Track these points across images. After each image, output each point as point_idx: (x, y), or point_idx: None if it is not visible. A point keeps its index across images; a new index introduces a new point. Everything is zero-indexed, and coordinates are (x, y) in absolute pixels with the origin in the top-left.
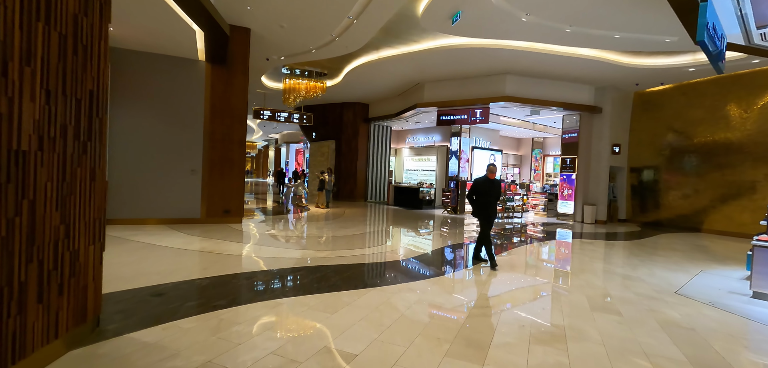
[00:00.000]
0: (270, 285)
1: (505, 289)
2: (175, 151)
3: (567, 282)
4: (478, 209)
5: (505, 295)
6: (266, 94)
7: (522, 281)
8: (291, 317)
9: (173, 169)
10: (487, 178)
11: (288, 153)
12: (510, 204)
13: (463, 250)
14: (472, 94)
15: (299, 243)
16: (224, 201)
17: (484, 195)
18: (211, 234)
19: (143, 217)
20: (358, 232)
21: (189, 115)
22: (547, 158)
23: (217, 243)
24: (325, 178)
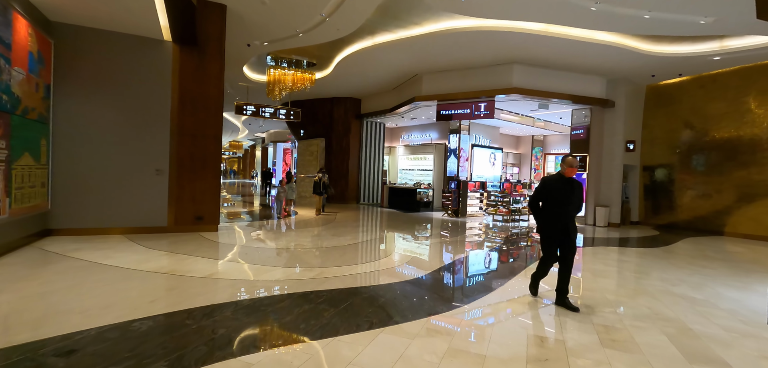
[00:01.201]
0: (238, 328)
1: (567, 328)
2: (137, 147)
3: (630, 311)
4: (550, 224)
5: (571, 339)
6: (250, 88)
7: (576, 317)
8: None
9: (134, 169)
10: (562, 176)
11: (275, 152)
12: (516, 206)
13: (486, 262)
14: (475, 86)
15: (284, 257)
16: (196, 207)
17: (558, 204)
18: (178, 246)
19: (98, 227)
20: (351, 241)
21: (153, 106)
22: (549, 157)
23: (180, 260)
24: (326, 180)
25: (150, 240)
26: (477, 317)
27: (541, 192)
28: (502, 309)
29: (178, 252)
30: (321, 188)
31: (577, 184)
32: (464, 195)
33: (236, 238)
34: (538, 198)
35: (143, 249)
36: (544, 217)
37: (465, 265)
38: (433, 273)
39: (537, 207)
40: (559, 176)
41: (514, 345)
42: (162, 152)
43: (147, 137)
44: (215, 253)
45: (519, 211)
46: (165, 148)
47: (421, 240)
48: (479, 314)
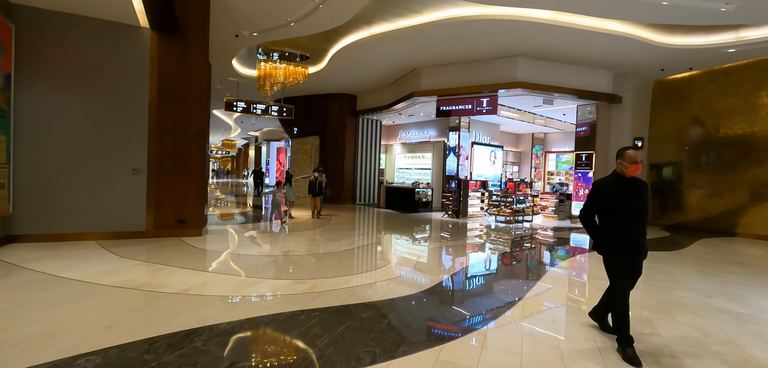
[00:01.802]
0: (209, 366)
1: (609, 358)
2: (111, 145)
3: (674, 332)
4: (617, 243)
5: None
6: (240, 83)
7: (615, 342)
8: None
9: (108, 169)
10: (621, 177)
11: (269, 151)
12: (520, 206)
13: (496, 269)
14: (477, 81)
15: (273, 266)
16: (178, 209)
17: (624, 216)
18: (155, 254)
19: (67, 233)
20: (347, 246)
21: (129, 99)
22: (549, 155)
23: (154, 272)
24: (323, 180)
25: (125, 247)
26: (496, 340)
27: (598, 201)
28: (529, 333)
29: (153, 262)
30: (317, 189)
31: (642, 185)
32: (465, 195)
33: (222, 244)
34: (592, 210)
35: (115, 258)
36: (607, 235)
37: (474, 274)
38: (439, 285)
39: (593, 223)
40: (616, 177)
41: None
42: (139, 150)
43: (122, 133)
44: (196, 262)
45: (523, 212)
46: (143, 145)
47: (423, 245)
48: (498, 336)
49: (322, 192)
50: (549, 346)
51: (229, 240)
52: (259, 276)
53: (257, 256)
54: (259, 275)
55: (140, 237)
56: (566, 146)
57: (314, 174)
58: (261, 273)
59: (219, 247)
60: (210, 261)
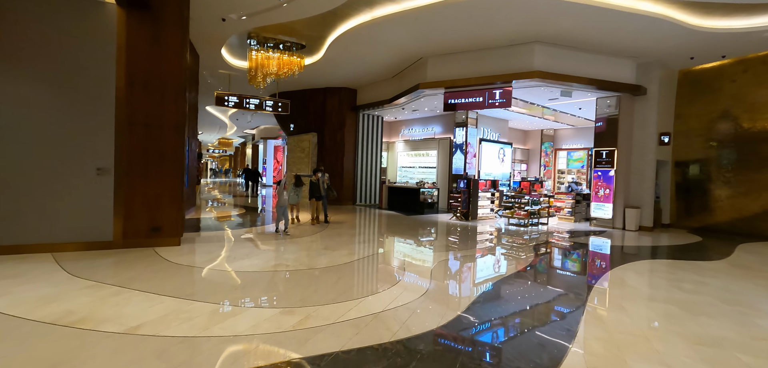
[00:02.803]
0: None
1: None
2: (71, 140)
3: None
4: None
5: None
6: (232, 76)
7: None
8: None
9: (67, 168)
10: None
11: (266, 150)
12: (535, 207)
13: (536, 289)
14: (489, 70)
15: (257, 286)
16: (151, 215)
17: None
18: (117, 271)
19: (13, 244)
20: (348, 258)
21: (92, 87)
22: (560, 152)
23: (105, 299)
24: (327, 182)
25: (84, 262)
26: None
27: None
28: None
29: (110, 282)
30: (319, 191)
31: None
32: (475, 195)
33: (202, 256)
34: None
35: (65, 277)
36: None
37: (508, 297)
38: (468, 314)
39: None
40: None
41: None
42: (105, 146)
43: (85, 127)
44: (164, 283)
45: (538, 214)
46: (109, 140)
47: (435, 255)
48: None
49: (325, 195)
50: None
51: (211, 251)
52: (238, 303)
53: (241, 273)
54: (238, 301)
55: (106, 249)
56: (578, 143)
57: (316, 174)
58: (243, 298)
59: (198, 260)
60: (182, 281)
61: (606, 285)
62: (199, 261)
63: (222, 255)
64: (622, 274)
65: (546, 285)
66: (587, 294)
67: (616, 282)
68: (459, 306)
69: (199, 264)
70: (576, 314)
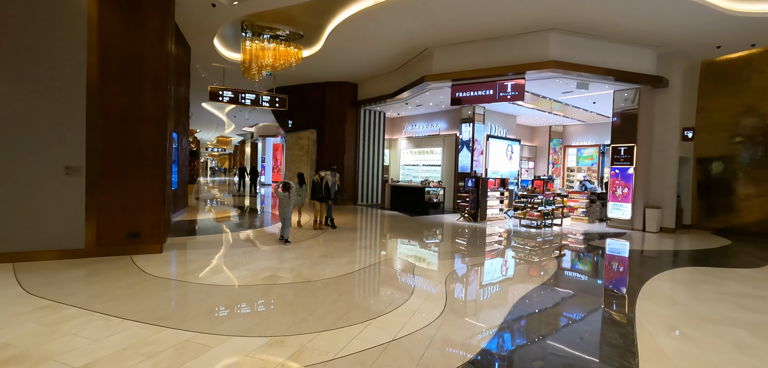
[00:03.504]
0: None
1: None
2: (35, 135)
3: None
4: None
5: None
6: (226, 69)
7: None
8: None
9: (33, 167)
10: None
11: (265, 148)
12: (549, 208)
13: (580, 304)
14: (501, 61)
15: (244, 306)
16: (129, 219)
17: None
18: (81, 286)
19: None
20: (349, 267)
21: (59, 75)
22: (569, 149)
23: (53, 326)
24: (338, 183)
25: (46, 274)
26: None
27: None
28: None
29: (67, 303)
30: (323, 192)
31: None
32: (484, 195)
33: (185, 265)
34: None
35: (17, 295)
36: None
37: (543, 319)
38: (498, 341)
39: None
40: None
41: None
42: (75, 142)
43: (50, 120)
44: (132, 303)
45: (551, 214)
46: (80, 136)
47: (450, 263)
48: None
49: (332, 197)
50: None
51: (196, 259)
52: (218, 329)
53: (226, 288)
54: (219, 326)
55: (77, 258)
56: (588, 139)
57: (319, 173)
58: (224, 323)
59: (179, 271)
60: (154, 300)
61: (650, 302)
62: (180, 273)
63: (208, 265)
64: (663, 286)
65: (580, 300)
66: (631, 312)
67: (659, 297)
68: (484, 331)
69: (180, 277)
70: (627, 342)
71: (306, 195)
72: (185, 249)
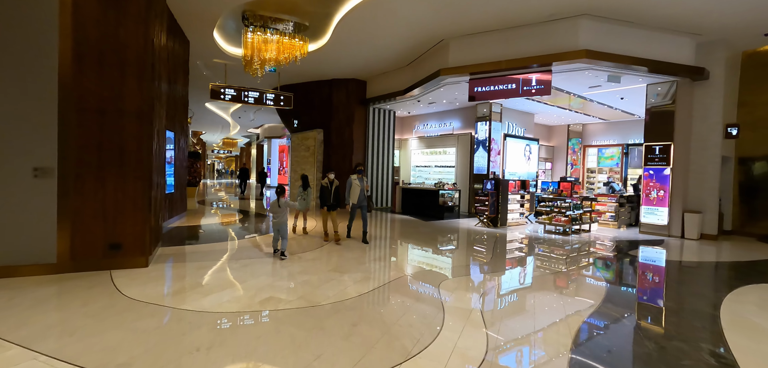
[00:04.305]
0: None
1: None
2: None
3: None
4: None
5: None
6: (228, 66)
7: None
8: None
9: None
10: None
11: (270, 149)
12: (576, 212)
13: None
14: (524, 52)
15: (228, 340)
16: (108, 228)
17: None
18: (40, 312)
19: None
20: (362, 286)
21: (27, 60)
22: (589, 149)
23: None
24: (367, 187)
25: (5, 295)
26: None
27: None
28: None
29: (8, 339)
30: (331, 199)
31: None
32: (504, 198)
33: (170, 284)
34: None
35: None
36: None
37: (622, 358)
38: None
39: None
40: None
41: None
42: (45, 139)
43: (15, 113)
44: (93, 337)
45: (579, 219)
46: (50, 131)
47: (480, 277)
48: None
49: (366, 204)
50: None
51: (184, 275)
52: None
53: (213, 315)
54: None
55: (48, 274)
56: (610, 138)
57: (328, 176)
58: (201, 364)
59: (161, 291)
60: (121, 334)
61: (742, 336)
62: (162, 293)
63: (197, 284)
64: (744, 310)
65: (651, 332)
66: (728, 352)
67: (748, 328)
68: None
69: (162, 299)
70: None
71: (311, 199)
72: (175, 262)
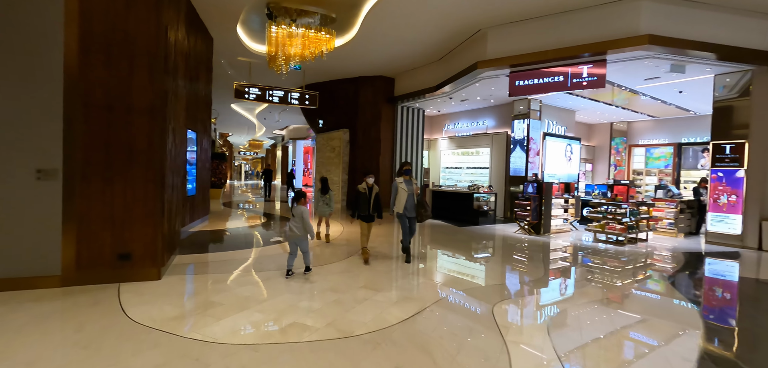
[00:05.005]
0: None
1: None
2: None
3: None
4: None
5: None
6: (253, 64)
7: None
8: None
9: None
10: None
11: (295, 151)
12: (633, 218)
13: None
14: (573, 39)
15: (244, 359)
16: (117, 236)
17: None
18: (27, 339)
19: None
20: (405, 308)
21: (30, 51)
22: (635, 149)
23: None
24: (418, 192)
25: (7, 308)
26: None
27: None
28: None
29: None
30: (371, 208)
31: None
32: (548, 202)
33: (180, 303)
34: None
35: None
36: None
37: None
38: None
39: None
40: None
41: None
42: (49, 138)
43: (17, 109)
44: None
45: (635, 225)
46: (55, 129)
47: (539, 295)
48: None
49: (415, 214)
50: None
51: (197, 291)
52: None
53: (225, 348)
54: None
55: (51, 287)
56: (659, 137)
57: (366, 180)
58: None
59: (169, 313)
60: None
61: None
62: (171, 316)
63: (212, 302)
64: None
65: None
66: None
67: None
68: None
69: (168, 323)
70: None
71: (334, 202)
72: (190, 273)
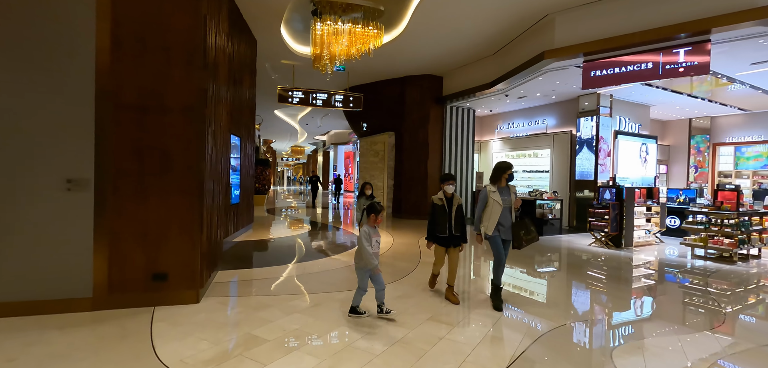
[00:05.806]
0: None
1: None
2: (24, 134)
3: None
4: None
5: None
6: (296, 67)
7: None
8: None
9: (19, 181)
10: None
11: (336, 156)
12: (744, 231)
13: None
14: (662, 20)
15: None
16: (150, 254)
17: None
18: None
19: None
20: (482, 359)
21: (56, 48)
22: (721, 148)
23: None
24: (516, 204)
25: (12, 347)
26: None
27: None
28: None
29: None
30: (453, 226)
31: None
32: (629, 211)
33: (219, 337)
34: None
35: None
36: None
37: None
38: None
39: None
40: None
41: None
42: (80, 143)
43: (45, 113)
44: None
45: (748, 239)
46: (86, 134)
47: (666, 337)
48: None
49: (514, 232)
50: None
51: (241, 321)
52: None
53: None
54: None
55: (80, 311)
56: (751, 134)
57: (444, 187)
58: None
59: (207, 350)
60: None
61: None
62: (205, 357)
63: (251, 337)
64: None
65: None
66: None
67: None
68: None
69: (202, 365)
70: None
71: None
72: (233, 294)
